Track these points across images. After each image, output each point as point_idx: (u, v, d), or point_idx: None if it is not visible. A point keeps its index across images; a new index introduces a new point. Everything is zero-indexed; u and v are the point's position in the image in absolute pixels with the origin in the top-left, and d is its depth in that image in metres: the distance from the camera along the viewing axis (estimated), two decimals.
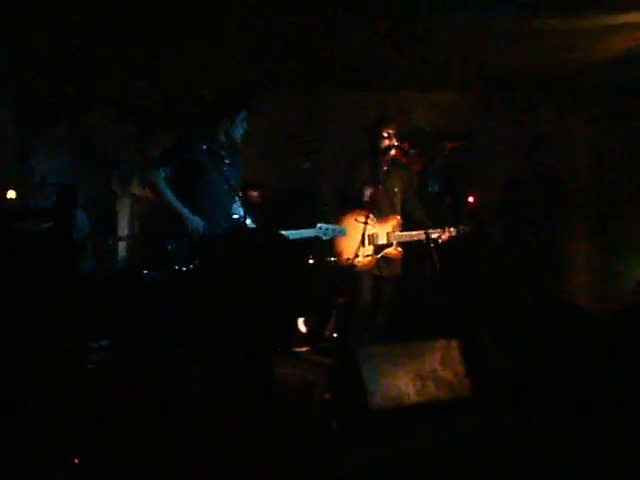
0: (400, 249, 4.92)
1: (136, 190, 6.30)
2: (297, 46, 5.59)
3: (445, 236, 4.91)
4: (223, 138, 4.32)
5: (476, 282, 6.15)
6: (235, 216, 4.24)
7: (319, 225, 4.57)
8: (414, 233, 4.88)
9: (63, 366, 4.15)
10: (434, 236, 4.84)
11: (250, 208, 5.60)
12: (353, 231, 4.76)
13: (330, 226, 4.62)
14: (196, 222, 4.10)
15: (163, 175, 4.16)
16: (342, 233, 4.69)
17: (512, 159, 6.72)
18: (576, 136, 7.01)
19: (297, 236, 4.46)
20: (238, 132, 4.32)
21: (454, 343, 4.21)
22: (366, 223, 4.71)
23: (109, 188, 6.47)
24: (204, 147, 4.19)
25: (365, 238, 4.79)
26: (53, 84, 5.86)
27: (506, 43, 5.55)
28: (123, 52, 5.60)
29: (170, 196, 4.13)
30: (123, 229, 6.41)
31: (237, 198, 4.27)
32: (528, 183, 6.14)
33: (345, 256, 4.82)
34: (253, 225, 4.34)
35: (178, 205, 4.10)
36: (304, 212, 6.34)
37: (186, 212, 4.08)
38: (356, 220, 4.76)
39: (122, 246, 6.27)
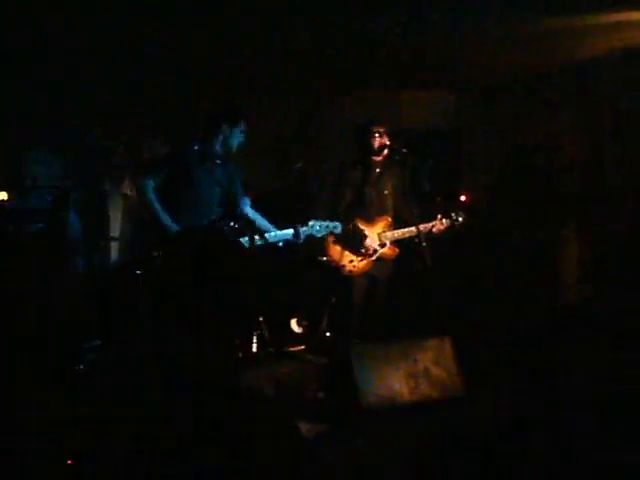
0: (395, 248, 4.90)
1: (128, 190, 6.29)
2: (292, 47, 5.60)
3: (440, 226, 4.89)
4: (219, 148, 4.37)
5: (468, 280, 6.17)
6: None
7: (311, 222, 4.48)
8: (406, 230, 4.83)
9: (55, 366, 4.16)
10: (427, 230, 4.81)
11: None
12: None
13: (323, 222, 4.52)
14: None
15: (152, 185, 4.18)
16: (337, 229, 4.55)
17: (502, 159, 6.76)
18: (567, 136, 7.04)
19: (287, 236, 4.43)
20: (234, 142, 4.38)
21: (447, 341, 4.22)
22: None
23: (101, 189, 6.47)
24: (196, 148, 4.22)
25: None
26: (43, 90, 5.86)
27: (497, 44, 5.57)
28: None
29: (157, 207, 4.15)
30: (115, 230, 6.40)
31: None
32: (519, 182, 6.16)
33: (339, 263, 4.79)
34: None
35: (164, 217, 4.13)
36: (297, 213, 6.33)
37: (169, 223, 4.11)
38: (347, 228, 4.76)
39: (114, 246, 6.25)
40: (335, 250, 4.80)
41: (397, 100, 7.11)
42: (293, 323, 5.47)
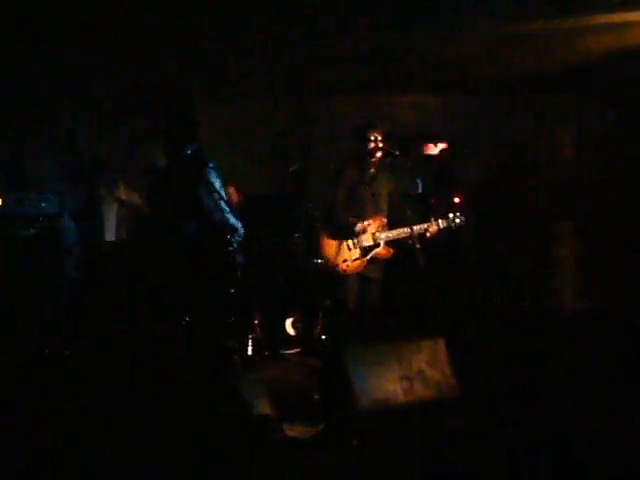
0: (389, 248, 4.91)
1: (123, 194, 6.29)
2: (283, 49, 5.62)
3: (433, 229, 4.90)
4: None
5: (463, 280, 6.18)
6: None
7: None
8: (400, 230, 4.86)
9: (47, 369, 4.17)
10: (421, 231, 4.84)
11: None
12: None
13: None
14: None
15: None
16: None
17: (494, 162, 6.78)
18: (559, 139, 7.07)
19: None
20: None
21: (441, 343, 4.22)
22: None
23: (96, 193, 6.46)
24: (189, 152, 4.25)
25: (349, 244, 4.81)
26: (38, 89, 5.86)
27: (489, 47, 5.59)
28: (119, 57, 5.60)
29: None
30: (110, 234, 6.40)
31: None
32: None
33: (333, 262, 4.81)
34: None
35: None
36: (290, 215, 6.34)
37: None
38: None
39: None
40: (329, 250, 4.82)
41: (393, 103, 7.13)
42: (288, 326, 5.49)
